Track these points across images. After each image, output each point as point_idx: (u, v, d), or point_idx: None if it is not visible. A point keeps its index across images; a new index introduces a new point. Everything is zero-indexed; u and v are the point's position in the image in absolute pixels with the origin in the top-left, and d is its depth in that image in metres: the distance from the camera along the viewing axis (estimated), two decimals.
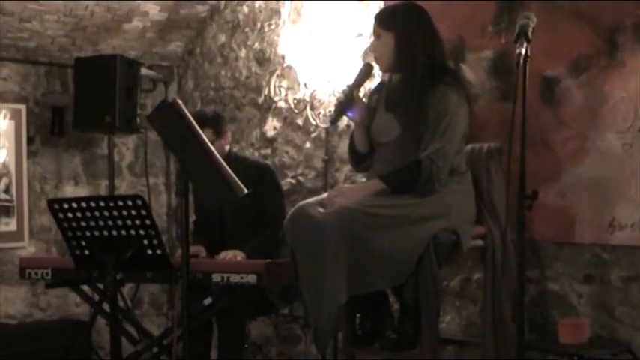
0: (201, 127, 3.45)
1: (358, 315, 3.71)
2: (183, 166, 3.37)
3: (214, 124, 4.42)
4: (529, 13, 3.31)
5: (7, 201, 5.60)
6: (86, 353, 5.31)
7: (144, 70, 5.74)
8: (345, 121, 4.57)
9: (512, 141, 3.10)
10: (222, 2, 5.83)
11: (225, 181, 3.29)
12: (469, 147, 3.88)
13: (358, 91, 3.80)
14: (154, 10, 5.68)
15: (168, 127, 3.37)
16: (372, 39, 3.73)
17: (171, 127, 3.32)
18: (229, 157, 4.31)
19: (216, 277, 3.78)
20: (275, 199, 4.48)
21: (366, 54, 4.78)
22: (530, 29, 3.18)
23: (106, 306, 4.30)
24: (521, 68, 3.10)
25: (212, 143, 3.52)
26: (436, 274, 3.47)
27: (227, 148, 4.51)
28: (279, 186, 4.65)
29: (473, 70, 4.31)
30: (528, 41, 3.14)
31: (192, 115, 3.36)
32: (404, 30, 3.56)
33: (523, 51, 3.11)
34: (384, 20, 3.62)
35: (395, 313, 3.81)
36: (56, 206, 3.71)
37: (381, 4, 4.69)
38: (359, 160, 3.85)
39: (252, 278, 3.73)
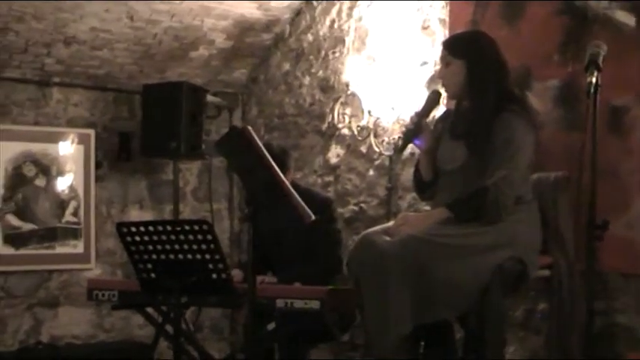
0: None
1: (422, 344, 3.68)
2: (250, 192, 3.40)
3: (280, 158, 4.42)
4: (599, 41, 3.27)
5: (74, 224, 5.71)
6: None
7: (209, 97, 5.82)
8: (409, 148, 4.56)
9: (581, 170, 3.06)
10: (287, 30, 5.89)
11: (293, 208, 3.31)
12: (535, 176, 3.84)
13: (426, 119, 3.80)
14: (219, 39, 5.77)
15: (237, 154, 3.40)
16: (440, 66, 3.73)
17: (240, 153, 3.35)
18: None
19: (280, 303, 3.79)
20: (331, 233, 4.48)
21: (431, 82, 4.78)
22: (601, 58, 3.15)
23: (169, 329, 4.34)
24: (591, 97, 3.07)
25: None
26: (501, 304, 3.44)
27: (290, 179, 4.51)
28: (337, 220, 4.65)
29: (539, 99, 4.28)
30: (599, 70, 3.11)
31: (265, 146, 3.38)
32: (474, 58, 3.55)
33: (594, 80, 3.08)
34: (454, 48, 3.62)
35: (459, 342, 3.77)
36: (124, 229, 3.77)
37: (446, 33, 4.70)
38: (423, 188, 3.84)
39: (315, 304, 3.73)
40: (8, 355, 5.30)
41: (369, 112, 5.18)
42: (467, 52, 3.57)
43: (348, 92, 5.41)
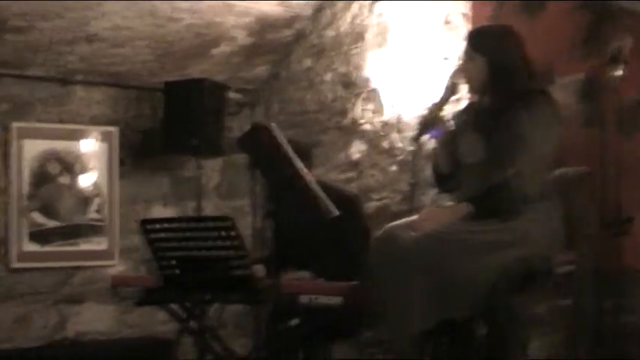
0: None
1: (444, 341, 3.67)
2: (273, 188, 3.42)
3: (305, 155, 4.42)
4: (624, 34, 3.25)
5: (98, 220, 5.75)
6: None
7: (230, 94, 5.85)
8: (432, 144, 4.55)
9: (603, 166, 3.05)
10: (308, 27, 5.89)
11: (316, 204, 3.32)
12: (557, 172, 3.82)
13: (441, 110, 3.78)
14: (240, 35, 5.78)
15: (260, 150, 3.42)
16: (463, 60, 3.71)
17: (263, 149, 3.37)
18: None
19: (303, 299, 3.80)
20: (357, 229, 4.48)
21: (453, 77, 4.76)
22: (625, 52, 3.12)
23: (192, 325, 4.36)
24: (615, 91, 3.05)
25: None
26: (522, 301, 3.43)
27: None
28: (364, 217, 4.65)
29: (560, 94, 4.26)
30: (624, 63, 3.08)
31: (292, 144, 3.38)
32: (497, 53, 3.53)
33: (618, 73, 3.06)
34: (477, 43, 3.60)
35: (481, 339, 3.76)
36: (148, 226, 3.79)
37: (469, 27, 4.69)
38: (442, 180, 3.83)
39: (338, 300, 3.74)
40: (34, 350, 5.35)
41: (391, 107, 5.17)
42: (490, 48, 3.55)
43: (370, 88, 5.41)
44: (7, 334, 5.45)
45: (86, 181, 5.74)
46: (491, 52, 3.55)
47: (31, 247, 5.55)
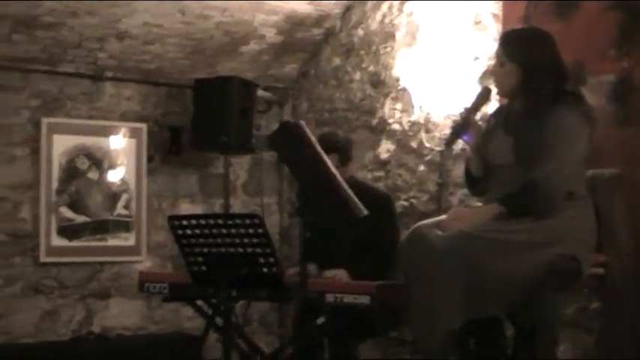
0: (330, 151, 3.46)
1: (472, 341, 3.65)
2: (302, 186, 3.41)
3: (344, 149, 4.41)
4: None
5: (126, 216, 5.78)
6: None
7: (259, 92, 5.85)
8: (460, 144, 4.53)
9: (635, 167, 3.01)
10: (338, 25, 5.89)
11: (344, 203, 3.31)
12: (589, 172, 3.78)
13: (475, 114, 3.76)
14: (270, 33, 5.79)
15: (289, 148, 3.41)
16: (494, 63, 3.68)
17: (293, 147, 3.36)
18: (349, 182, 4.31)
19: (329, 298, 3.78)
20: (389, 228, 4.46)
21: (483, 77, 4.75)
22: None
23: (218, 321, 4.37)
24: None
25: (336, 168, 3.53)
26: (553, 301, 3.40)
27: (349, 173, 4.50)
28: (395, 216, 4.63)
29: (592, 94, 4.22)
30: None
31: (323, 136, 3.38)
32: (529, 59, 3.48)
33: None
34: (509, 49, 3.55)
35: (510, 339, 3.74)
36: (176, 222, 3.79)
37: (499, 28, 4.66)
38: (474, 183, 3.81)
39: (365, 299, 3.72)
40: (61, 344, 5.40)
41: (420, 107, 5.16)
42: (522, 54, 3.50)
43: (399, 87, 5.40)
44: (35, 328, 5.50)
45: (115, 177, 5.77)
46: (522, 58, 3.50)
47: (60, 241, 5.60)
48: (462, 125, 3.67)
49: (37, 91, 5.60)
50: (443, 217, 3.58)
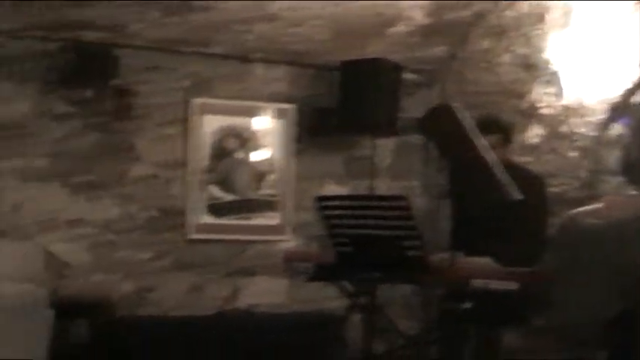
0: (491, 131, 3.40)
1: (623, 330, 3.52)
2: (453, 169, 3.36)
3: (505, 130, 4.34)
4: None
5: (272, 196, 5.86)
6: (338, 347, 5.44)
7: (406, 74, 5.80)
8: (615, 129, 4.37)
9: None
10: (488, 7, 5.76)
11: (497, 186, 3.25)
12: None
13: (634, 96, 3.62)
14: (418, 15, 5.73)
15: (441, 131, 3.37)
16: None
17: (444, 130, 3.32)
18: (505, 164, 4.21)
19: (476, 283, 3.72)
20: (540, 213, 4.34)
21: None
22: None
23: (361, 303, 4.37)
24: None
25: (495, 149, 3.47)
26: None
27: (507, 155, 4.40)
28: (547, 201, 4.50)
29: None
30: None
31: (486, 117, 3.31)
32: None
33: None
34: None
35: None
36: (324, 203, 3.82)
37: None
38: (631, 169, 3.67)
39: (512, 286, 3.64)
40: (207, 318, 5.53)
41: (573, 91, 5.00)
42: None
43: (551, 70, 5.24)
44: (182, 302, 5.67)
45: (261, 156, 5.86)
46: None
47: (208, 219, 5.74)
48: (621, 107, 3.53)
49: (188, 72, 5.74)
50: (598, 205, 3.48)
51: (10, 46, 5.32)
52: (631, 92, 3.58)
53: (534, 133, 5.37)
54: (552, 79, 5.24)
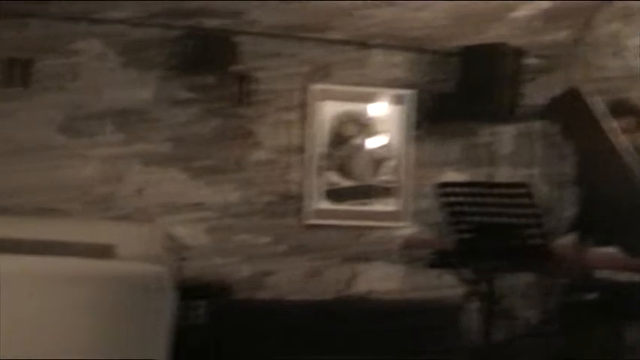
0: (625, 114, 3.29)
1: None
2: (581, 154, 3.28)
3: (638, 114, 4.19)
4: None
5: (390, 182, 5.84)
6: (455, 335, 5.39)
7: (529, 59, 5.68)
8: None
9: None
10: None
11: (629, 172, 3.15)
12: None
13: None
14: None
15: (570, 116, 3.29)
16: None
17: (573, 115, 3.24)
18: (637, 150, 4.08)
19: (601, 274, 3.62)
20: None
21: None
22: None
23: (480, 291, 4.31)
24: None
25: (627, 133, 3.36)
26: None
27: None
28: None
29: None
30: None
31: (619, 100, 3.21)
32: None
33: None
34: None
35: None
36: (445, 189, 3.79)
37: None
38: None
39: None
40: (323, 303, 5.57)
41: None
42: None
43: None
44: (299, 286, 5.71)
45: (380, 143, 5.84)
46: None
47: (326, 204, 5.76)
48: None
49: (307, 57, 5.77)
50: None
51: (134, 34, 5.46)
52: None
53: None
54: None
